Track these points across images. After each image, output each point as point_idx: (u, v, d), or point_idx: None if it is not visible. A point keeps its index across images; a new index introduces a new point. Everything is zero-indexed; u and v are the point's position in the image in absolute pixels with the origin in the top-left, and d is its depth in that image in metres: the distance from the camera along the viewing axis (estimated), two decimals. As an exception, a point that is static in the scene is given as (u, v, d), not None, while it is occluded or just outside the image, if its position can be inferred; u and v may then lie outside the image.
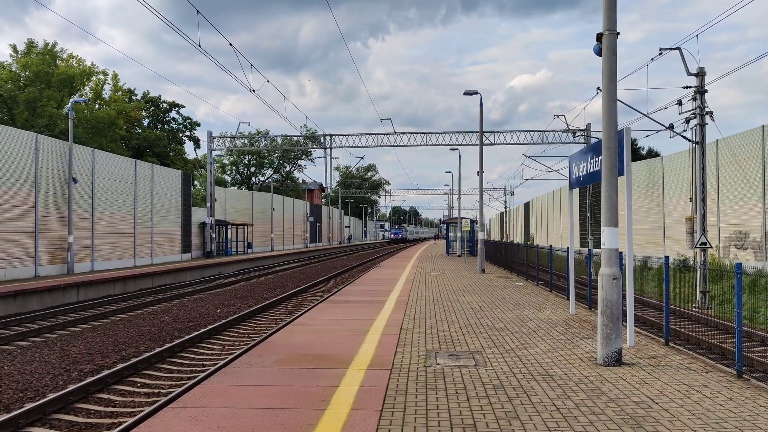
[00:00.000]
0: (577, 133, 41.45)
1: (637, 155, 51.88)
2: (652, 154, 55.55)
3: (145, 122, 68.71)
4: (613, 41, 9.43)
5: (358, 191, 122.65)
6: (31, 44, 54.84)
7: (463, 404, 7.08)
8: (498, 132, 44.98)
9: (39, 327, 15.18)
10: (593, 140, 38.65)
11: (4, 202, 24.06)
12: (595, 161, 11.66)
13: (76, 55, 59.86)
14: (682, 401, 7.22)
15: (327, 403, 7.08)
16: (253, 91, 30.86)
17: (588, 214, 39.36)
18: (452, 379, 8.23)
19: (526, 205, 73.94)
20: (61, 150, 28.32)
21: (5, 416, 8.31)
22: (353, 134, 47.59)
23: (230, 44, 24.94)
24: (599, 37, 9.54)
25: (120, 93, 62.59)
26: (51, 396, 9.37)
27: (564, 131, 42.99)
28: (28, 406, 8.85)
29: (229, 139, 49.64)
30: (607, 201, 9.49)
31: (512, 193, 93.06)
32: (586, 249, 20.19)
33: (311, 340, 11.03)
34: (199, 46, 22.82)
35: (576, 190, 15.65)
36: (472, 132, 45.35)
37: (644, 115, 21.54)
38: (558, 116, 36.96)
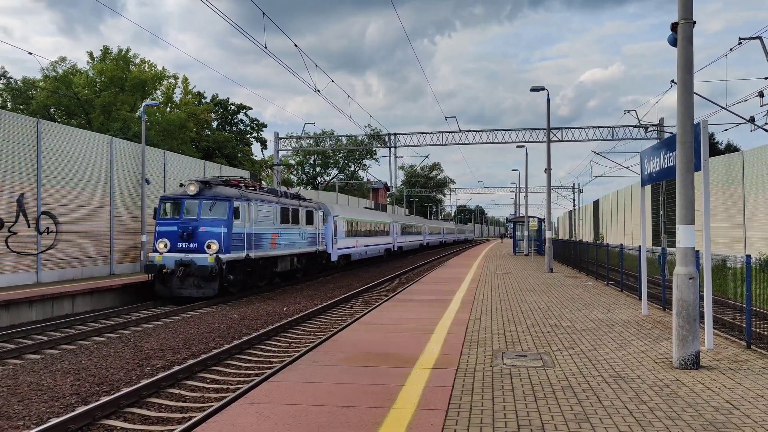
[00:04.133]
0: (650, 129, 40.17)
1: (714, 150, 49.93)
2: (731, 148, 53.38)
3: (214, 124, 70.45)
4: (689, 30, 9.04)
5: (422, 190, 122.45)
6: (106, 51, 56.97)
7: (530, 405, 6.90)
8: (566, 128, 44.06)
9: (114, 324, 15.70)
10: (666, 135, 37.40)
11: (83, 203, 25.02)
12: (669, 157, 11.22)
13: (148, 60, 61.80)
14: (766, 407, 6.84)
15: (392, 401, 7.02)
16: (318, 91, 31.18)
17: (661, 212, 38.10)
18: (519, 380, 8.05)
19: (596, 203, 72.23)
20: (134, 152, 29.25)
21: (82, 408, 8.60)
22: (418, 133, 47.50)
23: (295, 45, 25.23)
24: (674, 26, 9.16)
25: (190, 96, 64.39)
26: (125, 390, 9.65)
27: (635, 127, 41.74)
28: (104, 399, 9.13)
29: (294, 140, 50.35)
30: (683, 197, 9.11)
31: (581, 191, 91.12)
32: (659, 248, 19.51)
33: (376, 339, 11.01)
34: (266, 47, 23.16)
35: (648, 187, 15.12)
36: (539, 129, 44.55)
37: (722, 107, 20.66)
38: (629, 111, 35.95)
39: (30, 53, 45.56)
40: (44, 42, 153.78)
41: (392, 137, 48.68)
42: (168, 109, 60.01)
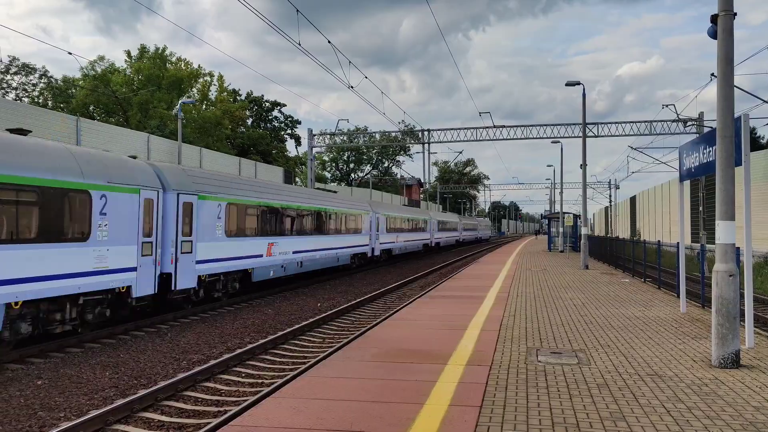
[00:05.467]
0: (689, 123, 39.41)
1: (756, 144, 48.77)
2: (772, 143, 52.03)
3: (249, 121, 71.13)
4: (729, 22, 8.84)
5: (456, 186, 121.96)
6: (143, 49, 57.90)
7: (565, 403, 6.84)
8: (602, 123, 43.38)
9: (152, 320, 15.92)
10: (706, 130, 36.65)
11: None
12: (709, 151, 10.99)
13: (184, 58, 62.73)
14: (809, 408, 6.67)
15: (425, 397, 7.02)
16: (352, 87, 31.24)
17: (700, 208, 37.36)
18: (554, 377, 7.98)
19: (632, 199, 71.14)
20: (171, 149, 29.71)
21: (121, 401, 8.77)
22: (452, 129, 47.35)
23: (329, 42, 25.32)
24: (714, 18, 8.97)
25: (225, 94, 65.06)
26: (162, 383, 9.81)
27: (674, 121, 40.97)
28: (141, 392, 9.30)
29: (328, 136, 50.56)
30: (723, 193, 8.91)
31: (617, 187, 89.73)
32: (698, 244, 19.15)
33: (410, 335, 11.01)
34: (300, 45, 23.28)
35: (687, 183, 14.83)
36: (574, 124, 43.97)
37: (764, 101, 20.16)
38: (667, 106, 35.28)
39: (69, 53, 46.60)
40: (83, 41, 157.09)
41: (426, 133, 48.54)
42: (204, 106, 60.75)
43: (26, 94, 55.22)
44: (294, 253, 23.94)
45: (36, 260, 11.80)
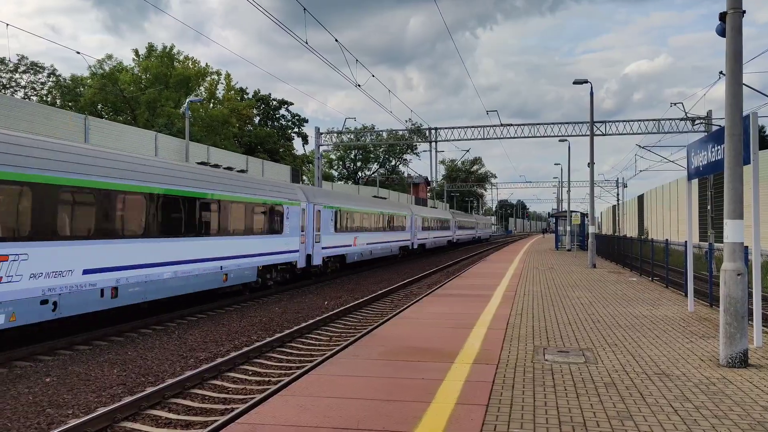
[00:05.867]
0: (697, 122, 39.23)
1: (765, 143, 48.47)
2: (781, 142, 51.74)
3: (256, 120, 71.25)
4: (738, 20, 8.80)
5: (463, 185, 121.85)
6: (151, 48, 58.11)
7: (572, 402, 6.83)
8: (610, 122, 43.19)
9: (158, 319, 15.97)
10: (714, 128, 36.47)
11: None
12: (717, 150, 10.94)
13: (192, 57, 62.84)
14: (818, 408, 6.64)
15: (432, 396, 7.02)
16: (359, 86, 31.24)
17: (708, 207, 37.18)
18: (561, 376, 7.97)
19: (640, 198, 70.87)
20: (178, 147, 29.79)
21: (129, 399, 8.81)
22: (459, 127, 47.16)
23: (336, 40, 25.32)
24: (723, 16, 8.93)
25: (232, 92, 65.26)
26: (169, 381, 9.85)
27: (682, 119, 40.79)
28: (149, 390, 9.34)
29: (335, 135, 50.56)
30: (731, 192, 8.87)
31: (625, 185, 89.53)
32: (706, 243, 19.08)
33: (416, 334, 11.02)
34: (307, 43, 23.29)
35: (695, 182, 14.78)
36: (582, 122, 43.82)
37: (772, 99, 20.02)
38: (675, 104, 35.14)
39: (78, 52, 46.77)
40: (91, 40, 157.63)
41: (433, 132, 48.50)
42: (211, 105, 60.91)
43: (35, 92, 55.54)
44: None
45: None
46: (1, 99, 23.57)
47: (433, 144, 48.76)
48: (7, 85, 53.15)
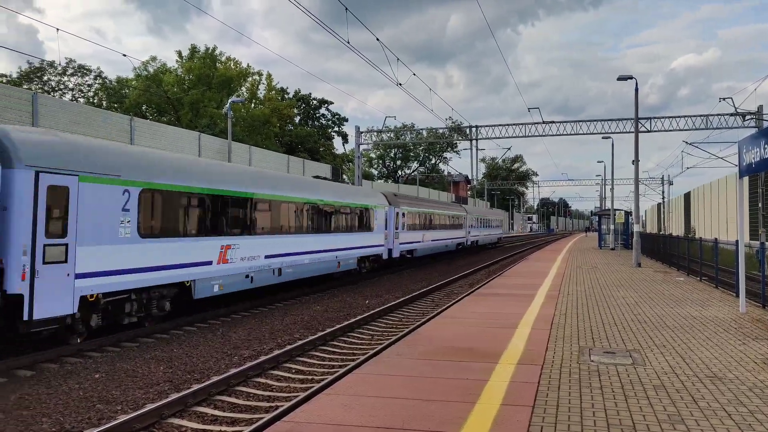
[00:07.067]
0: (747, 117, 38.16)
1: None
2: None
3: (297, 119, 71.77)
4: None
5: (504, 183, 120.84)
6: (194, 50, 58.99)
7: (620, 404, 6.69)
8: (655, 118, 42.35)
9: (203, 317, 16.19)
10: (766, 124, 35.43)
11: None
12: (770, 145, 10.61)
13: (233, 58, 63.67)
14: None
15: (476, 396, 6.96)
16: (400, 84, 31.23)
17: (760, 204, 36.15)
18: (608, 378, 7.82)
19: (687, 195, 69.29)
20: (220, 147, 30.18)
21: (175, 395, 8.94)
22: (500, 125, 46.76)
23: (377, 39, 25.34)
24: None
25: (273, 92, 65.82)
26: (215, 378, 9.97)
27: (731, 115, 39.74)
28: (195, 387, 9.46)
29: (375, 134, 50.64)
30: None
31: (670, 183, 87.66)
32: (758, 242, 18.54)
33: (459, 333, 10.94)
34: (348, 42, 23.35)
35: (746, 179, 14.37)
36: (626, 119, 43.05)
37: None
38: (724, 99, 34.19)
39: (124, 55, 47.91)
40: (134, 42, 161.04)
41: (473, 129, 48.20)
42: (252, 105, 61.56)
43: (82, 94, 56.90)
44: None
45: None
46: (50, 101, 24.19)
47: (474, 142, 48.47)
48: (56, 88, 54.57)
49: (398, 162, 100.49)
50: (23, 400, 8.97)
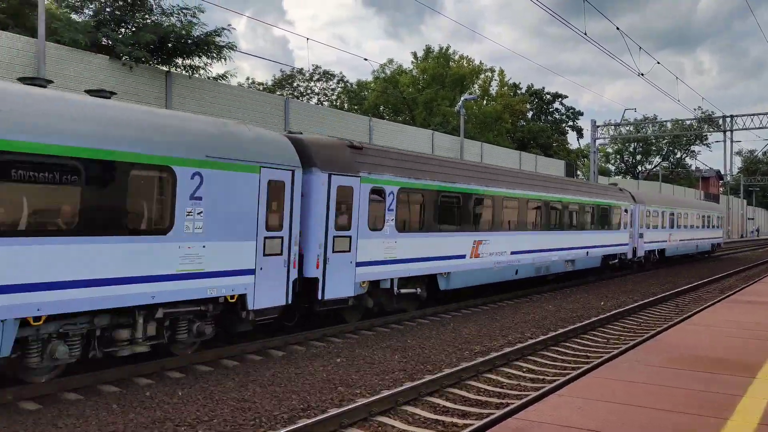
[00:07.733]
0: None
1: None
2: None
3: (529, 115, 70.82)
4: None
5: (765, 178, 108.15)
6: (428, 50, 60.91)
7: None
8: None
9: (434, 311, 16.64)
10: None
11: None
12: None
13: (466, 55, 64.61)
14: None
15: (729, 412, 6.31)
16: (642, 74, 29.42)
17: None
18: None
19: None
20: (452, 145, 30.79)
21: (409, 384, 9.27)
22: (760, 114, 41.92)
23: (617, 28, 24.14)
24: None
25: (505, 88, 65.64)
26: (447, 371, 10.18)
27: None
28: (427, 377, 9.74)
29: (612, 127, 48.28)
30: None
31: None
32: None
33: (707, 342, 10.01)
34: (585, 34, 22.51)
35: None
36: None
37: None
38: None
39: (365, 59, 50.86)
40: (373, 46, 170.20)
41: (727, 120, 43.83)
42: (484, 101, 61.94)
43: (326, 98, 61.56)
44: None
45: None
46: (299, 105, 26.50)
47: (728, 133, 44.11)
48: (304, 93, 59.65)
49: (638, 157, 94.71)
50: (275, 377, 9.89)
